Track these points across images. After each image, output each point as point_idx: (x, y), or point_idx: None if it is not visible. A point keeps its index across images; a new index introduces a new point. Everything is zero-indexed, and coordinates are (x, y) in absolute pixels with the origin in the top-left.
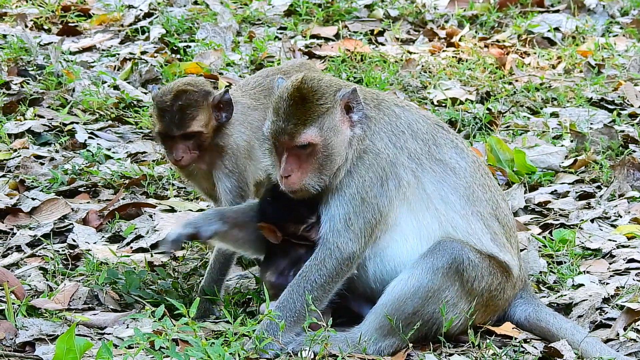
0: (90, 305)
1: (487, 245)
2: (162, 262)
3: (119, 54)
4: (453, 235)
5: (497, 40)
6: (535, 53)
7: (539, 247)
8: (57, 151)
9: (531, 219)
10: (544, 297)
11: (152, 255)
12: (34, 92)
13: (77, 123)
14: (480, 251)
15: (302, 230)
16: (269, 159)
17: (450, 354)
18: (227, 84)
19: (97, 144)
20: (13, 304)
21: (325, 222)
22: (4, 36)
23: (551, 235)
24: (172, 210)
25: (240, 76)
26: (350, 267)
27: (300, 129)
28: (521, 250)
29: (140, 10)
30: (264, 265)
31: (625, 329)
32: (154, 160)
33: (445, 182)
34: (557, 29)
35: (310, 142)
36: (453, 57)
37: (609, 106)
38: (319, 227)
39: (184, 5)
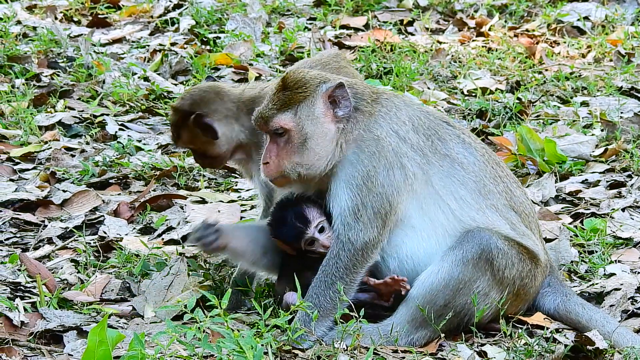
0: (122, 297)
1: (507, 234)
2: (193, 254)
3: (148, 46)
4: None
5: (527, 30)
6: (564, 42)
7: (570, 237)
8: (87, 143)
9: (562, 208)
10: (576, 286)
11: (183, 247)
12: (64, 84)
13: (108, 115)
14: (508, 237)
15: (305, 245)
16: None
17: (482, 344)
18: (257, 75)
19: (128, 135)
20: (45, 296)
21: (336, 217)
22: (34, 28)
23: (582, 225)
24: (203, 201)
25: (270, 67)
26: (366, 257)
27: (274, 114)
28: (552, 240)
29: (170, 1)
30: (280, 280)
31: None
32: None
33: (454, 177)
34: (586, 18)
35: (283, 127)
36: (483, 46)
37: (639, 95)
38: (324, 236)
39: None
